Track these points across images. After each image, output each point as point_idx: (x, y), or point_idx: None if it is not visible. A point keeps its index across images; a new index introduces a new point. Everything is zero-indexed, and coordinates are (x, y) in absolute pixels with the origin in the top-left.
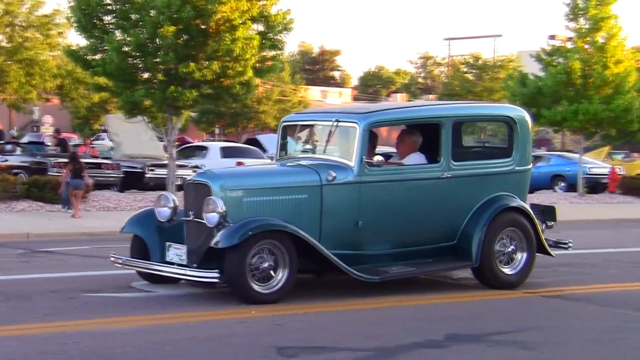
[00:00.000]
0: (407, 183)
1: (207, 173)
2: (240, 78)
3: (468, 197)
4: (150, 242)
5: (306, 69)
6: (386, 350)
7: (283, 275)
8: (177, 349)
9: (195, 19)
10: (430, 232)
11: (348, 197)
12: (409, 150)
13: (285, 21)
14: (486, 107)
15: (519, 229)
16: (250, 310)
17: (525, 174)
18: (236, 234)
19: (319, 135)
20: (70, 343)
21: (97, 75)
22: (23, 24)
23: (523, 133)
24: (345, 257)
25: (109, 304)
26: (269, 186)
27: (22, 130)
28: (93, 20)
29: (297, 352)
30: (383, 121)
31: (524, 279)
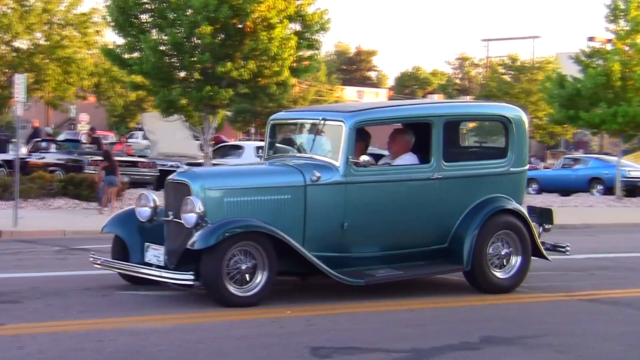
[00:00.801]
0: (395, 184)
1: (187, 172)
2: (277, 78)
3: (460, 199)
4: (130, 243)
5: (342, 69)
6: (420, 352)
7: (262, 278)
8: (212, 347)
9: (232, 19)
10: (420, 235)
11: (333, 198)
12: (400, 151)
13: (322, 21)
14: (480, 106)
15: (513, 232)
16: (285, 310)
17: (521, 175)
18: (213, 235)
19: (307, 134)
20: (105, 340)
21: (134, 74)
22: (61, 22)
23: (519, 133)
24: (331, 260)
25: (143, 302)
26: (251, 186)
27: (59, 128)
28: (130, 19)
29: (330, 353)
30: (370, 120)
31: (518, 284)
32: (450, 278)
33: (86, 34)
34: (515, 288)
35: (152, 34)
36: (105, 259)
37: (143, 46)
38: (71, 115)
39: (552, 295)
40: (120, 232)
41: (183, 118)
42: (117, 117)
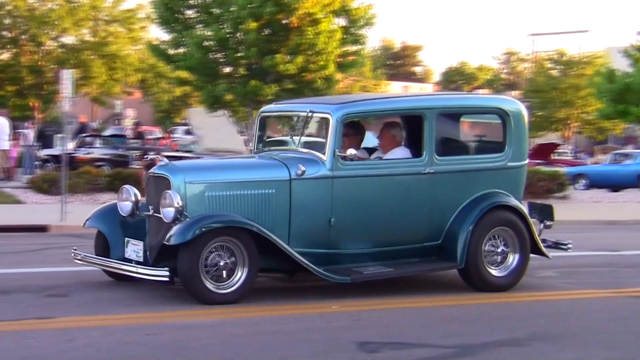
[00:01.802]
0: (384, 179)
1: (168, 165)
2: (323, 72)
3: (454, 194)
4: (112, 238)
5: (388, 64)
6: (467, 348)
7: (242, 274)
8: (257, 342)
9: (277, 14)
10: (412, 231)
11: (319, 192)
12: (390, 144)
13: (367, 15)
14: (476, 99)
15: (510, 229)
16: (331, 305)
17: (520, 170)
18: (189, 230)
19: (296, 127)
20: (152, 334)
21: (179, 70)
22: (107, 18)
23: (517, 126)
24: (318, 256)
25: (189, 296)
26: (234, 180)
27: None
28: (175, 14)
29: (378, 348)
30: (359, 112)
31: (516, 282)
32: None
33: (132, 30)
34: (513, 287)
35: (197, 30)
36: (86, 254)
37: (188, 42)
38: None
39: (603, 292)
40: (102, 227)
41: (228, 113)
42: (163, 113)
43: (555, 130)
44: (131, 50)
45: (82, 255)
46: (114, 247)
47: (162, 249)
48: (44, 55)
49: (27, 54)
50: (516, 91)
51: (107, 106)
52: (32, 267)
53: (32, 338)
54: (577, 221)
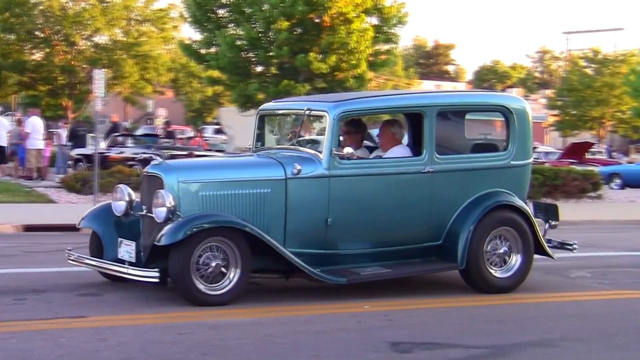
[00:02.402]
0: (383, 178)
1: (161, 164)
2: (354, 71)
3: (455, 194)
4: (106, 238)
5: (420, 63)
6: (500, 348)
7: (234, 275)
8: (290, 342)
9: (308, 13)
10: (412, 231)
11: (316, 192)
12: (390, 143)
13: (399, 14)
14: (478, 96)
15: (513, 229)
16: (363, 305)
17: (524, 168)
18: (180, 230)
19: (294, 125)
20: (184, 333)
21: (211, 69)
22: (139, 18)
23: (521, 124)
24: (315, 257)
25: None
26: (228, 179)
27: (137, 123)
28: (207, 14)
29: (410, 348)
30: (356, 110)
31: (519, 283)
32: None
33: (163, 29)
34: (516, 288)
35: (229, 29)
36: (80, 255)
37: (220, 41)
38: (149, 110)
39: (636, 293)
40: (96, 227)
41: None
42: (194, 112)
43: (589, 129)
44: (163, 49)
45: (76, 256)
46: (108, 247)
47: (154, 250)
48: (77, 55)
49: (60, 53)
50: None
51: (138, 106)
52: (64, 267)
53: (65, 337)
54: (612, 221)
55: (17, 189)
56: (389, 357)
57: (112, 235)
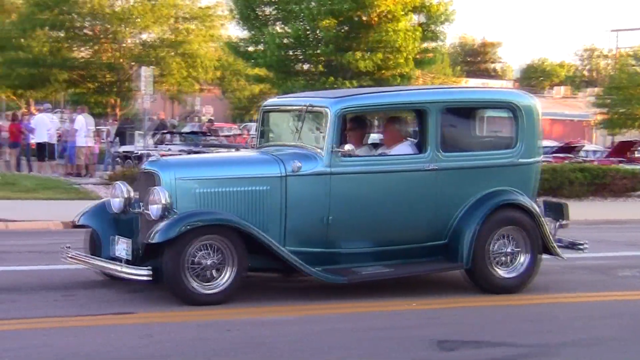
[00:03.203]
0: (384, 175)
1: (158, 161)
2: (401, 69)
3: (460, 192)
4: (103, 236)
5: (466, 60)
6: (545, 347)
7: (230, 274)
8: (336, 340)
9: (355, 11)
10: (415, 230)
11: (316, 189)
12: (394, 140)
13: (446, 12)
14: (485, 92)
15: (520, 228)
16: (410, 303)
17: (531, 166)
18: (173, 228)
19: (296, 122)
20: (229, 330)
21: (257, 67)
22: (186, 15)
23: (529, 122)
24: (316, 256)
25: (269, 292)
26: (226, 177)
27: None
28: (254, 12)
29: (456, 346)
30: (357, 106)
31: (526, 283)
32: (577, 274)
33: (210, 27)
34: (523, 289)
35: (275, 27)
36: (76, 253)
37: (266, 39)
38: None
39: None
40: (93, 224)
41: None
42: (241, 110)
43: (638, 127)
44: (209, 47)
45: (72, 254)
46: (105, 245)
47: (148, 247)
48: (124, 52)
49: (107, 51)
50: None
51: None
52: None
53: (114, 333)
54: None
55: (65, 186)
56: (434, 355)
57: (109, 233)
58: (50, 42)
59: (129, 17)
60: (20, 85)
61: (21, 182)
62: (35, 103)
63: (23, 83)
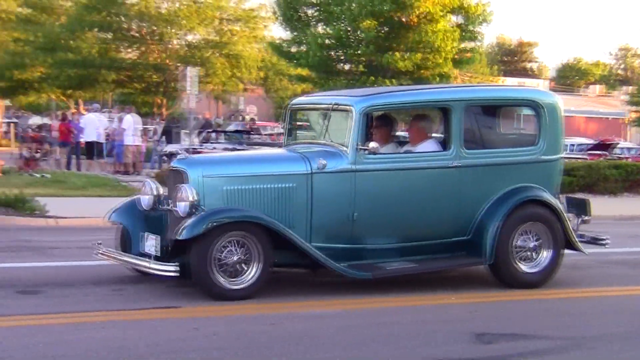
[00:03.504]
0: (408, 172)
1: (186, 159)
2: (439, 69)
3: (483, 188)
4: (133, 232)
5: (503, 60)
6: (582, 340)
7: (256, 270)
8: (379, 333)
9: (395, 12)
10: (439, 226)
11: (341, 186)
12: (419, 138)
13: (484, 13)
14: (508, 90)
15: (542, 224)
16: (450, 297)
17: (554, 163)
18: (200, 224)
19: (322, 120)
20: (274, 324)
21: (300, 67)
22: (230, 17)
23: (552, 119)
24: (342, 252)
25: (315, 287)
26: (253, 174)
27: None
28: (297, 13)
29: (494, 339)
30: (381, 105)
31: (548, 279)
32: (611, 268)
33: (254, 28)
34: (545, 283)
35: (317, 28)
36: (107, 249)
37: (308, 40)
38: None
39: None
40: (124, 221)
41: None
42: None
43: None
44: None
45: (102, 250)
46: (135, 241)
47: (176, 244)
48: (170, 53)
49: (154, 52)
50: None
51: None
52: None
53: (161, 326)
54: None
55: (113, 183)
56: (473, 348)
57: (139, 229)
58: (98, 43)
59: (174, 18)
60: (70, 86)
61: (71, 180)
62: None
63: (72, 83)
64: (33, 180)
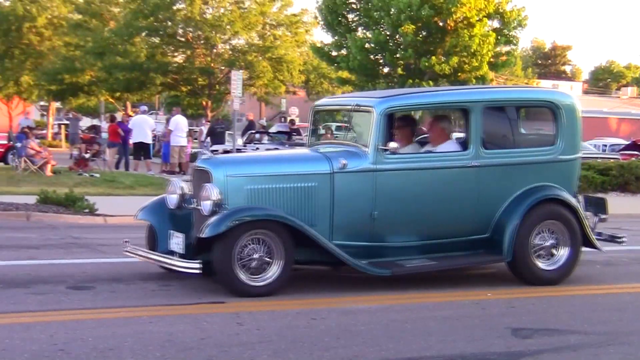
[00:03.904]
0: (428, 172)
1: (211, 159)
2: (476, 72)
3: (503, 187)
4: (159, 230)
5: (538, 63)
6: (617, 334)
7: (277, 267)
8: (417, 327)
9: (433, 17)
10: (458, 224)
11: (362, 185)
12: (440, 138)
13: (519, 18)
14: (525, 91)
15: (560, 222)
16: (486, 293)
17: (572, 163)
18: (222, 222)
19: (344, 121)
20: (318, 318)
21: (341, 70)
22: (273, 22)
23: (569, 120)
24: (362, 249)
25: (354, 284)
26: (275, 174)
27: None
28: (339, 18)
29: (531, 334)
30: (401, 106)
31: (567, 276)
32: None
33: (296, 33)
34: (563, 280)
35: (358, 33)
36: (133, 247)
37: (350, 44)
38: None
39: None
40: (151, 220)
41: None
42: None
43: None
44: (296, 52)
45: (130, 247)
46: (161, 239)
47: (199, 241)
48: (215, 57)
49: (200, 56)
50: None
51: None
52: None
53: (207, 321)
54: None
55: (160, 183)
56: (510, 342)
57: (165, 228)
58: (147, 47)
59: (219, 23)
60: (118, 89)
61: (119, 179)
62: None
63: (121, 86)
64: (83, 179)
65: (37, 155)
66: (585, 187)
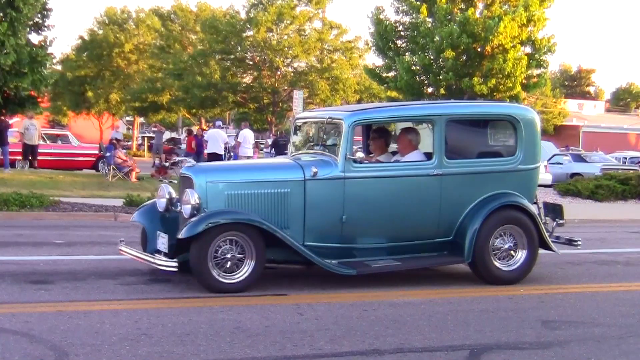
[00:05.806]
0: (393, 179)
1: (193, 167)
2: (510, 92)
3: (465, 194)
4: (150, 231)
5: (565, 84)
6: (637, 327)
7: (249, 266)
8: (457, 318)
9: (472, 44)
10: (423, 228)
11: (331, 192)
12: (407, 149)
13: (549, 44)
14: (486, 106)
15: (518, 226)
16: (519, 289)
17: (531, 172)
18: (199, 225)
19: (320, 132)
20: (369, 310)
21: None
22: (330, 47)
23: (529, 132)
24: (333, 250)
25: (397, 279)
26: (252, 180)
27: None
28: (388, 43)
29: (559, 326)
30: (369, 119)
31: (524, 276)
32: None
33: (351, 57)
34: (520, 280)
35: (406, 57)
36: (124, 246)
37: (398, 67)
38: None
39: None
40: (143, 221)
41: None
42: None
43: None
44: (350, 73)
45: (121, 247)
46: (151, 239)
47: (179, 242)
48: (279, 78)
49: (266, 77)
50: None
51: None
52: None
53: (271, 311)
54: None
55: None
56: (541, 333)
57: (156, 229)
58: (220, 69)
59: (281, 48)
60: (194, 106)
61: None
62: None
63: (197, 104)
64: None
65: (124, 163)
66: (607, 195)
